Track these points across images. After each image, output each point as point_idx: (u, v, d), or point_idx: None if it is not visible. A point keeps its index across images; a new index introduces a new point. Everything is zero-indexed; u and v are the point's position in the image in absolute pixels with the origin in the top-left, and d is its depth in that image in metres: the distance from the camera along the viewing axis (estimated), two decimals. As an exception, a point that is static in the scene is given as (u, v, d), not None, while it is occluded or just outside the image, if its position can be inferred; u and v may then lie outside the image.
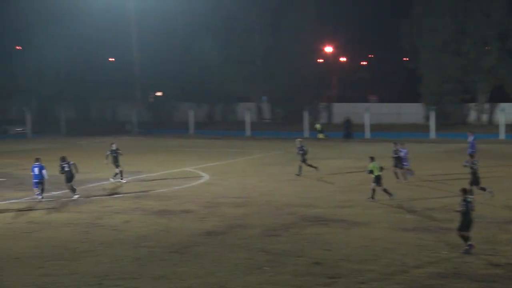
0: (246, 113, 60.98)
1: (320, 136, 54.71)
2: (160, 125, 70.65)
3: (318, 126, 56.19)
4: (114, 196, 26.41)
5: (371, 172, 24.59)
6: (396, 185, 27.41)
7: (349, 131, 55.12)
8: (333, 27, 78.37)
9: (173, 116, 77.98)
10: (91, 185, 29.50)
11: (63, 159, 26.18)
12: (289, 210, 23.19)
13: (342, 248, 17.65)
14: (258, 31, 71.80)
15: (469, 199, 16.95)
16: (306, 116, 59.01)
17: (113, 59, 77.67)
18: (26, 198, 25.70)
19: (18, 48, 76.80)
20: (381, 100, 74.39)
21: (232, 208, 23.66)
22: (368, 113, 56.03)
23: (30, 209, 23.58)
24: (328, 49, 79.98)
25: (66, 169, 25.84)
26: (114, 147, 30.74)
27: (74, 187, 26.09)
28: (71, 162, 26.33)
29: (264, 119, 72.81)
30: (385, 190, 24.46)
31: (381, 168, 24.79)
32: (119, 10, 68.86)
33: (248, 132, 59.50)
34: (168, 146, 50.51)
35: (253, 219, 21.75)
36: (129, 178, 31.57)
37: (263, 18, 70.62)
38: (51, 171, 27.08)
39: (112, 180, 30.05)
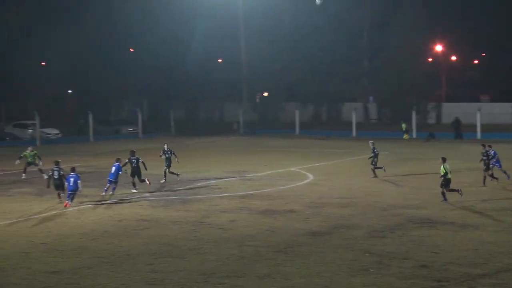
0: (352, 113, 60.42)
1: (405, 136, 53.57)
2: (266, 125, 71.20)
3: (404, 126, 54.92)
4: (221, 195, 26.82)
5: (444, 175, 23.95)
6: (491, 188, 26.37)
7: (459, 131, 53.54)
8: (443, 26, 76.29)
9: (279, 116, 78.39)
10: (198, 184, 30.10)
11: (132, 153, 27.60)
12: (395, 212, 22.78)
13: (450, 251, 17.15)
14: (365, 31, 70.98)
15: None
16: (414, 116, 57.79)
17: (221, 60, 79.00)
18: (137, 197, 26.52)
19: (131, 50, 79.48)
20: (493, 100, 71.78)
21: (336, 209, 23.50)
22: (479, 113, 54.17)
23: (141, 207, 24.29)
24: (438, 48, 77.99)
25: (134, 164, 27.31)
26: (166, 147, 30.89)
27: (135, 184, 27.36)
28: (140, 160, 27.57)
29: (370, 119, 71.91)
30: (444, 193, 24.10)
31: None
32: (227, 11, 69.94)
33: (353, 132, 58.94)
34: (274, 146, 50.81)
35: (358, 219, 21.52)
36: (235, 178, 31.99)
37: (370, 18, 69.73)
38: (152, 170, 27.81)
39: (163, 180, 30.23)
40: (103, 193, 26.02)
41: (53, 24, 72.71)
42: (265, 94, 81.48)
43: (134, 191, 27.38)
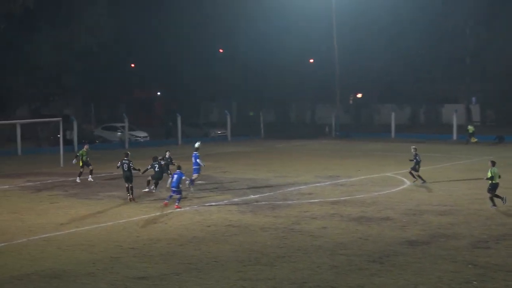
0: (453, 115, 58.98)
1: (473, 140, 51.74)
2: (360, 128, 70.60)
3: (470, 128, 53.04)
4: (311, 201, 26.77)
5: (491, 178, 23.17)
6: None
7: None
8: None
9: (373, 119, 77.55)
10: (289, 189, 30.14)
11: (155, 158, 28.13)
12: (501, 221, 22.09)
13: (561, 265, 16.47)
14: (469, 28, 69.10)
15: None
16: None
17: (313, 60, 78.88)
18: (224, 201, 26.83)
19: (220, 51, 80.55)
20: None
21: (436, 216, 23.03)
22: None
23: (229, 212, 24.56)
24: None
25: (157, 169, 27.90)
26: (167, 155, 30.90)
27: (152, 187, 28.13)
28: (162, 162, 28.15)
29: (473, 121, 70.03)
30: (492, 198, 23.72)
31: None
32: (319, 9, 69.74)
33: (454, 135, 57.53)
34: (368, 150, 50.29)
35: (459, 228, 21.00)
36: (327, 183, 31.87)
37: (475, 15, 67.84)
38: (247, 174, 28.02)
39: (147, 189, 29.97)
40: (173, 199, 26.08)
41: (141, 25, 74.73)
42: (359, 95, 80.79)
43: (147, 190, 28.54)
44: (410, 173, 31.42)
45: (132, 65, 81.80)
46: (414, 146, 32.21)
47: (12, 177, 35.34)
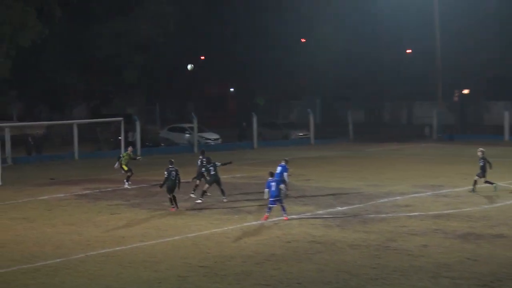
0: None
1: None
2: (466, 129, 69.33)
3: None
4: (409, 214, 26.42)
5: None
6: None
7: None
8: None
9: (482, 118, 76.05)
10: (382, 200, 29.84)
11: (171, 162, 28.10)
12: None
13: None
14: None
15: None
16: None
17: (410, 50, 77.95)
18: (307, 214, 26.76)
19: (302, 40, 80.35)
20: None
21: (559, 235, 22.41)
22: None
23: (312, 227, 24.48)
24: None
25: (212, 172, 28.24)
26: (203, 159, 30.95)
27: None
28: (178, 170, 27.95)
29: None
30: None
31: None
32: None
33: None
34: (477, 155, 49.14)
35: None
36: (427, 194, 31.42)
37: None
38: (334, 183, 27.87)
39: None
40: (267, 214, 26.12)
41: (209, 12, 75.39)
42: (465, 91, 79.30)
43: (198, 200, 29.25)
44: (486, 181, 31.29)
45: (202, 57, 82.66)
46: (481, 149, 32.30)
47: (68, 184, 36.24)
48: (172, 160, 28.57)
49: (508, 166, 41.21)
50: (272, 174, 25.97)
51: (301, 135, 64.75)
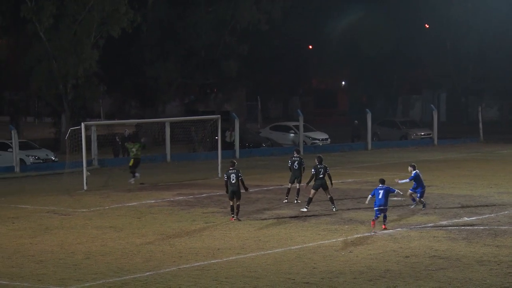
0: None
1: None
2: None
3: None
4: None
5: None
6: None
7: None
8: None
9: None
10: (516, 210, 29.34)
11: (232, 163, 28.09)
12: None
13: None
14: None
15: None
16: None
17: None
18: (429, 225, 26.52)
19: (426, 26, 79.27)
20: None
21: None
22: None
23: (435, 239, 24.21)
24: None
25: (232, 180, 27.51)
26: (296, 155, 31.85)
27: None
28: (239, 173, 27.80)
29: None
30: None
31: None
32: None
33: None
34: None
35: None
36: None
37: None
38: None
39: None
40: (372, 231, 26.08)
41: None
42: None
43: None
44: None
45: (310, 46, 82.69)
46: None
47: (159, 189, 36.92)
48: (235, 161, 28.59)
49: None
50: (382, 181, 25.91)
51: (422, 135, 64.01)
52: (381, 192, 25.60)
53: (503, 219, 27.37)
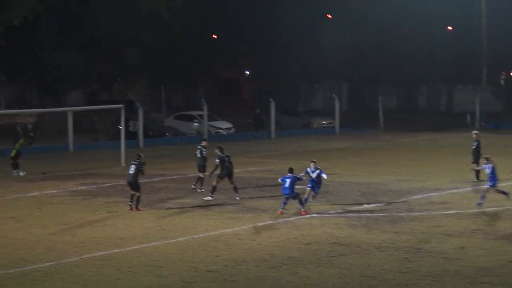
0: None
1: None
2: (515, 116, 69.10)
3: None
4: (445, 212, 26.44)
5: None
6: None
7: None
8: None
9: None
10: (415, 197, 29.86)
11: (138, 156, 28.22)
12: None
13: None
14: None
15: None
16: None
17: (451, 28, 77.56)
18: (330, 212, 26.82)
19: (329, 17, 79.90)
20: None
21: None
22: None
23: (335, 226, 24.54)
24: None
25: (130, 171, 27.66)
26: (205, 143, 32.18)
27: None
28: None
29: None
30: None
31: None
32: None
33: None
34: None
35: None
36: (466, 190, 31.56)
37: None
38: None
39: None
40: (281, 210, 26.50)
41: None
42: (514, 73, 79.02)
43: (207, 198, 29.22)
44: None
45: (214, 36, 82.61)
46: (475, 132, 34.55)
47: (61, 179, 36.43)
48: (140, 154, 28.48)
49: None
50: (290, 170, 26.24)
51: (325, 124, 64.72)
52: (288, 180, 26.02)
53: (401, 206, 27.91)
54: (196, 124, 60.16)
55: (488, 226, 24.10)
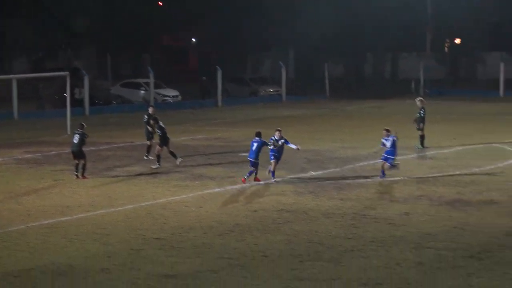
0: None
1: None
2: (457, 83, 69.80)
3: None
4: (391, 179, 26.62)
5: None
6: None
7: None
8: None
9: (476, 72, 76.50)
10: (361, 164, 30.07)
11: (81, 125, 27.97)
12: None
13: None
14: None
15: None
16: None
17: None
18: (278, 180, 26.83)
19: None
20: None
21: (556, 200, 22.83)
22: None
23: (282, 194, 24.60)
24: None
25: (74, 141, 27.46)
26: (151, 111, 31.86)
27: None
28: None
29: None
30: None
31: None
32: None
33: None
34: (468, 112, 49.74)
35: None
36: (412, 156, 31.80)
37: None
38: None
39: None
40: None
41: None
42: (458, 40, 79.59)
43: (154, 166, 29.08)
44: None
45: (160, 3, 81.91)
46: (419, 99, 35.42)
47: (6, 147, 35.95)
48: (83, 124, 28.28)
49: (505, 125, 41.72)
50: (258, 134, 26.30)
51: (271, 92, 64.77)
52: (255, 144, 26.01)
53: (347, 173, 28.07)
54: (142, 92, 59.84)
55: (432, 192, 24.29)
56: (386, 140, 26.61)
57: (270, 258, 17.46)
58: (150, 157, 30.82)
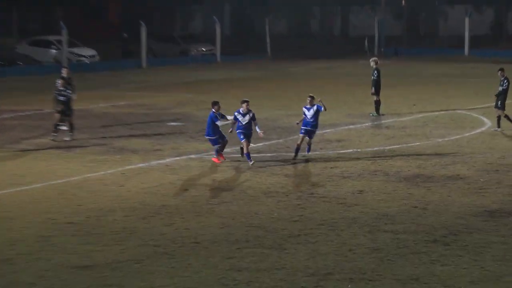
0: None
1: None
2: (416, 42, 70.35)
3: None
4: (342, 151, 26.70)
5: None
6: None
7: None
8: None
9: (438, 29, 77.26)
10: (307, 134, 30.08)
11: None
12: None
13: None
14: None
15: None
16: None
17: None
18: (210, 153, 26.68)
19: None
20: None
21: (529, 175, 23.07)
22: None
23: (217, 170, 24.47)
24: None
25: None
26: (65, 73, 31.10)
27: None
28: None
29: None
30: None
31: None
32: None
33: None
34: (429, 74, 50.08)
35: None
36: (366, 125, 31.94)
37: None
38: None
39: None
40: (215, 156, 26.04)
41: None
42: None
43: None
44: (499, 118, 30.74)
45: None
46: (374, 59, 35.63)
47: None
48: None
49: (470, 88, 42.17)
50: (214, 104, 25.84)
51: (204, 51, 64.73)
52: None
53: (292, 145, 27.92)
54: (54, 51, 59.29)
55: (389, 167, 24.41)
56: (307, 109, 26.27)
57: (203, 245, 17.33)
58: (63, 128, 30.37)
